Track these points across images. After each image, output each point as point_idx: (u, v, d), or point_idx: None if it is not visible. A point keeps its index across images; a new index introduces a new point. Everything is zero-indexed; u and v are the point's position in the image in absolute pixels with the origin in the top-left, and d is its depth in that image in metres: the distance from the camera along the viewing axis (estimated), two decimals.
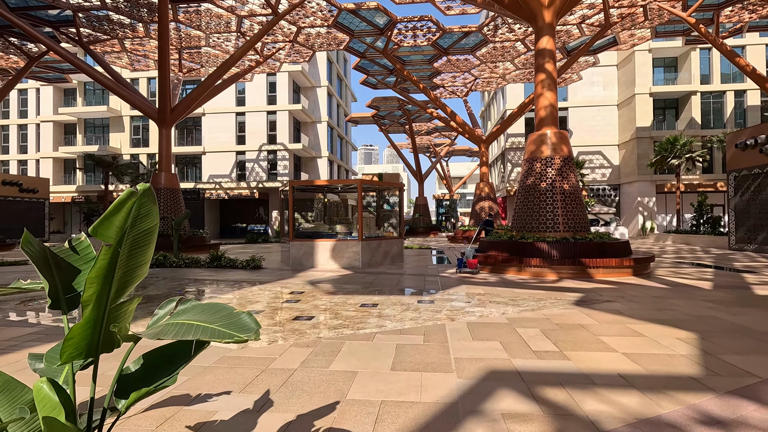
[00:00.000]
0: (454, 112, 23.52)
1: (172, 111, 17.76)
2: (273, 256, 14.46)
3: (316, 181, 11.17)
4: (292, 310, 5.65)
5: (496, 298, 6.38)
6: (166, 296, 6.94)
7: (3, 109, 36.93)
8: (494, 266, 9.58)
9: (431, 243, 22.81)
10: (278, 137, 33.14)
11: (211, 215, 32.95)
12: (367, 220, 11.78)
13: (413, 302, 6.12)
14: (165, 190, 17.51)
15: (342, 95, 44.43)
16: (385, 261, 11.60)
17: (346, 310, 5.60)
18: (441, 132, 43.37)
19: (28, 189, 27.85)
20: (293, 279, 8.79)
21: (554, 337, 4.23)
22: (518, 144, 35.03)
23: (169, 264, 11.29)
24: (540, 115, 10.49)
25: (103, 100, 34.36)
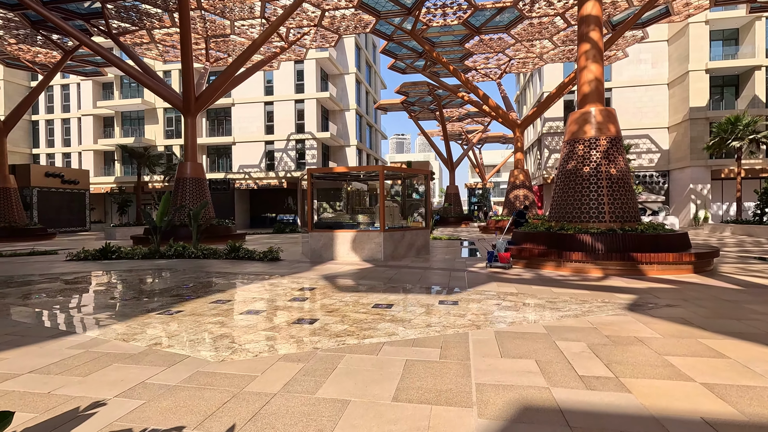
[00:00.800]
0: (487, 96, 22.20)
1: (197, 100, 17.59)
2: (296, 247, 14.03)
3: (335, 168, 10.56)
4: (295, 311, 5.03)
5: (531, 300, 5.51)
6: (170, 290, 6.51)
7: (48, 104, 38.64)
8: (529, 261, 8.62)
9: (462, 234, 21.81)
10: (306, 126, 32.82)
11: (241, 205, 33.24)
12: (390, 209, 11.05)
13: (434, 303, 5.36)
14: (191, 180, 17.44)
15: (371, 82, 43.56)
16: (410, 253, 10.86)
17: (356, 312, 4.91)
18: (473, 118, 41.73)
19: (69, 180, 28.97)
20: (308, 273, 8.21)
21: (606, 355, 3.36)
22: (556, 128, 33.06)
23: (188, 255, 11.04)
24: (583, 91, 9.32)
25: (138, 93, 35.16)
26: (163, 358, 3.38)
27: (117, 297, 6.09)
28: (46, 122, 38.66)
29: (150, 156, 25.32)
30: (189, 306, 5.32)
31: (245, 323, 4.46)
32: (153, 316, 4.80)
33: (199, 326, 4.35)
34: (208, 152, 34.90)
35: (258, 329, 4.23)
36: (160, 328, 4.32)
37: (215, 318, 4.69)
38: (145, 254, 11.20)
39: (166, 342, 3.82)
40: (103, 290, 6.71)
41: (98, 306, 5.53)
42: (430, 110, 37.11)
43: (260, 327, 4.32)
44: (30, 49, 23.44)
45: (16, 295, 6.21)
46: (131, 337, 3.98)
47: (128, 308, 5.28)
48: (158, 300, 5.77)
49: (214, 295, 6.04)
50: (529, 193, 22.12)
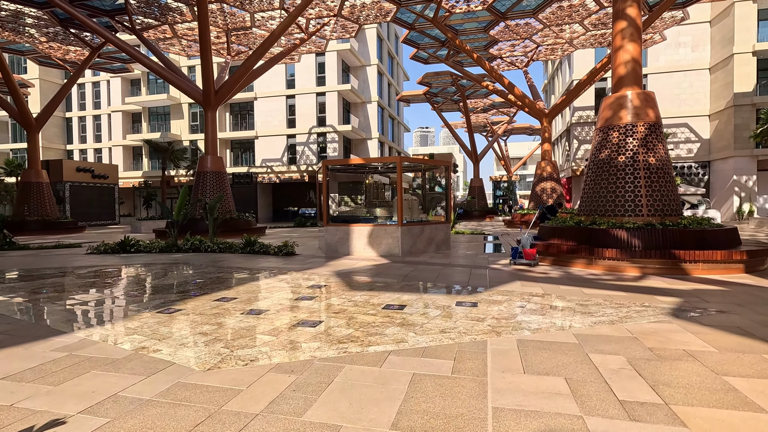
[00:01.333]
0: (513, 84, 21.30)
1: (217, 93, 17.54)
2: (314, 242, 13.78)
3: (351, 159, 10.19)
4: (300, 311, 4.68)
5: (560, 302, 4.97)
6: (177, 287, 6.31)
7: (80, 101, 39.91)
8: (557, 257, 8.01)
9: (486, 228, 21.11)
10: (327, 119, 32.60)
11: (264, 199, 33.45)
12: (409, 202, 10.59)
13: (451, 304, 4.90)
14: (211, 174, 17.46)
15: (393, 74, 42.91)
16: (429, 248, 10.38)
17: (364, 314, 4.52)
18: (498, 109, 40.52)
19: (99, 175, 29.79)
20: (322, 269, 7.88)
21: (650, 373, 2.84)
22: (586, 118, 31.62)
23: (204, 249, 10.93)
24: (618, 74, 8.55)
25: (163, 88, 35.78)
26: (145, 365, 3.08)
27: (122, 293, 5.91)
28: (78, 119, 39.98)
29: (174, 150, 25.68)
30: (191, 304, 5.06)
31: (244, 325, 4.14)
32: (151, 315, 4.55)
33: (195, 327, 4.06)
34: (232, 146, 35.24)
35: (256, 332, 3.89)
36: (155, 329, 4.05)
37: (214, 319, 4.39)
38: (162, 248, 11.16)
39: (155, 346, 3.53)
40: (111, 286, 6.57)
41: (100, 303, 5.35)
42: (454, 101, 36.22)
43: (259, 329, 3.98)
44: (60, 47, 24.05)
45: (26, 290, 6.13)
46: (120, 339, 3.72)
47: (129, 306, 5.07)
48: (161, 297, 5.55)
49: (219, 292, 5.77)
50: (557, 185, 21.17)
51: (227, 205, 17.56)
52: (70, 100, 40.37)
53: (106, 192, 30.13)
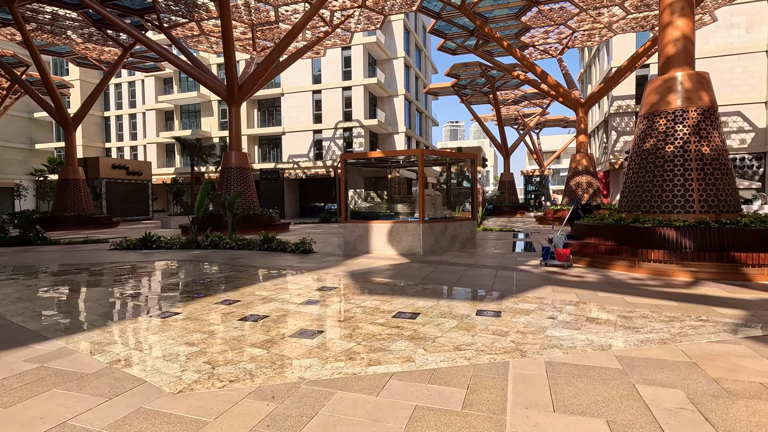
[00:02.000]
0: (546, 73, 20.14)
1: (240, 88, 17.47)
2: (335, 238, 13.43)
3: (370, 153, 9.69)
4: (302, 318, 4.25)
5: (598, 313, 4.31)
6: (183, 287, 6.04)
7: (117, 101, 41.36)
8: (594, 259, 7.25)
9: (516, 224, 20.18)
10: (353, 114, 32.27)
11: (290, 195, 33.57)
12: (432, 198, 10.01)
13: (470, 313, 4.34)
14: (235, 170, 17.44)
15: (421, 66, 42.05)
16: (453, 247, 9.78)
17: (371, 323, 4.04)
18: (530, 100, 38.94)
19: (133, 172, 30.68)
20: (336, 268, 7.46)
21: (721, 417, 2.21)
22: (626, 108, 29.78)
23: (223, 245, 10.77)
24: (667, 53, 7.63)
25: (194, 86, 36.47)
26: (113, 384, 2.72)
27: (126, 293, 5.69)
28: (116, 118, 41.49)
29: (202, 147, 26.03)
30: (189, 308, 4.74)
31: (237, 334, 3.75)
32: (145, 320, 4.24)
33: (185, 336, 3.70)
34: (260, 142, 35.54)
35: (247, 343, 3.49)
36: (142, 336, 3.72)
37: (208, 325, 4.03)
38: (182, 244, 11.10)
39: (134, 358, 3.18)
40: (117, 285, 6.39)
41: (99, 304, 5.12)
42: (483, 93, 35.06)
43: (252, 340, 3.57)
44: (95, 48, 24.78)
45: (36, 288, 6.02)
46: (100, 349, 3.39)
47: (127, 308, 4.80)
48: (163, 299, 5.28)
49: (224, 294, 5.44)
50: (593, 179, 19.93)
51: (251, 201, 17.52)
52: (108, 100, 41.93)
53: (140, 188, 31.02)
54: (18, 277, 7.07)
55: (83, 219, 21.96)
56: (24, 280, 6.76)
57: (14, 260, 9.30)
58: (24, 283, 6.42)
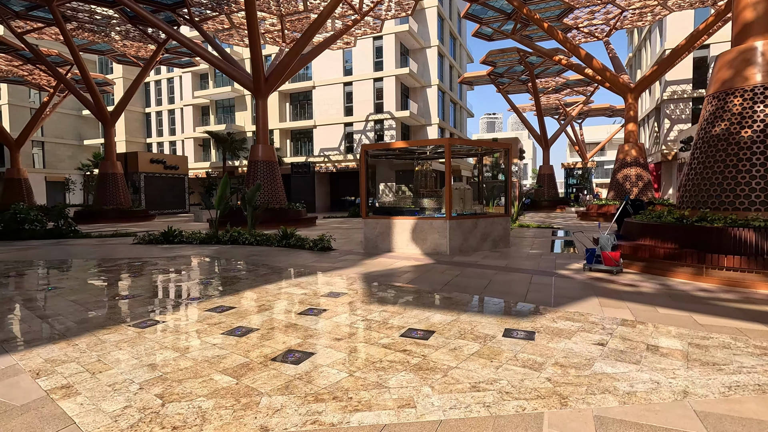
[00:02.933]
0: (591, 56, 18.53)
1: (267, 80, 17.17)
2: (359, 234, 12.83)
3: (393, 143, 8.92)
4: (294, 333, 3.62)
5: (662, 338, 3.40)
6: (182, 289, 5.60)
7: (157, 97, 42.68)
8: (649, 264, 6.20)
9: (555, 221, 18.82)
10: (385, 105, 31.51)
11: (321, 188, 33.38)
12: (461, 192, 9.16)
13: (496, 333, 3.55)
14: (262, 163, 17.20)
15: (455, 55, 40.59)
16: (484, 246, 8.90)
17: (374, 343, 3.35)
18: (572, 88, 36.64)
19: (170, 166, 31.45)
20: (351, 269, 6.81)
21: None
22: (681, 93, 27.27)
23: (242, 241, 10.41)
24: (744, 19, 6.38)
25: (229, 81, 36.89)
26: (33, 426, 2.18)
27: (119, 295, 5.29)
28: (156, 113, 42.88)
29: (233, 141, 26.16)
30: (176, 315, 4.24)
31: (213, 354, 3.17)
32: (120, 330, 3.76)
33: (152, 355, 3.16)
34: (292, 136, 35.54)
35: (219, 368, 2.89)
36: (105, 353, 3.22)
37: (185, 340, 3.49)
38: (202, 239, 10.85)
39: (78, 385, 2.65)
40: (116, 285, 6.04)
41: (82, 307, 4.72)
42: (521, 81, 33.26)
43: (225, 363, 2.97)
44: (132, 45, 25.35)
45: (35, 288, 5.77)
46: (51, 369, 2.90)
47: (111, 313, 4.36)
48: (152, 303, 4.82)
49: (221, 299, 4.92)
50: (644, 172, 18.21)
51: (277, 195, 17.25)
52: (149, 97, 43.37)
53: (177, 182, 31.81)
54: (26, 272, 6.92)
55: (121, 212, 22.59)
56: (20, 278, 6.57)
57: (33, 255, 9.32)
58: (16, 282, 6.20)
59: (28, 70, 27.68)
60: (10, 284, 5.95)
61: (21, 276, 6.62)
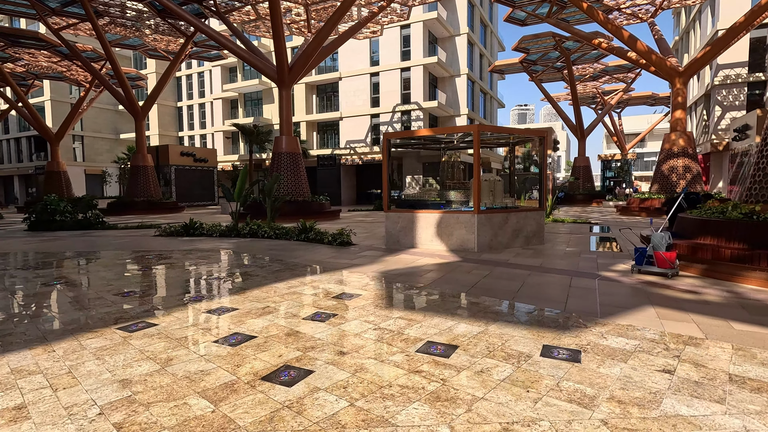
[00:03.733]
0: (635, 37, 17.14)
1: (290, 70, 16.83)
2: (382, 229, 12.32)
3: (417, 131, 8.30)
4: (293, 345, 3.14)
5: (746, 365, 2.71)
6: (187, 286, 5.25)
7: (188, 91, 43.48)
8: (711, 267, 5.36)
9: (592, 215, 17.68)
10: (412, 96, 30.73)
11: (347, 181, 33.06)
12: (490, 184, 8.47)
13: (532, 352, 2.95)
14: (286, 155, 16.94)
15: (486, 43, 39.16)
16: (515, 242, 8.19)
17: (384, 360, 2.83)
18: (612, 75, 34.58)
19: (200, 159, 31.89)
20: (370, 267, 6.31)
21: None
22: (735, 78, 25.11)
23: (262, 234, 10.11)
24: None
25: (257, 74, 37.01)
26: None
27: (120, 292, 4.99)
28: (187, 107, 43.72)
29: (259, 133, 26.12)
30: (170, 318, 3.85)
31: (196, 368, 2.73)
32: (103, 335, 3.40)
33: (128, 368, 2.75)
34: (318, 128, 35.35)
35: (198, 388, 2.44)
36: (79, 362, 2.84)
37: (171, 349, 3.07)
38: (222, 232, 10.64)
39: (32, 407, 2.26)
40: (121, 280, 5.78)
41: (79, 305, 4.42)
42: (556, 69, 31.62)
43: (207, 383, 2.52)
44: (162, 38, 25.66)
45: (39, 282, 5.59)
46: (11, 384, 2.53)
47: (103, 314, 4.02)
48: (150, 302, 4.48)
49: (224, 299, 4.53)
50: (692, 163, 16.77)
51: (301, 187, 16.97)
52: (181, 91, 44.24)
53: (206, 175, 32.26)
54: (38, 264, 6.81)
55: (152, 204, 23.01)
56: (29, 271, 6.43)
57: (54, 246, 9.33)
58: (24, 275, 6.04)
59: (66, 66, 28.59)
60: (18, 277, 5.80)
61: (30, 269, 6.50)
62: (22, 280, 5.62)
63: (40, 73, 29.84)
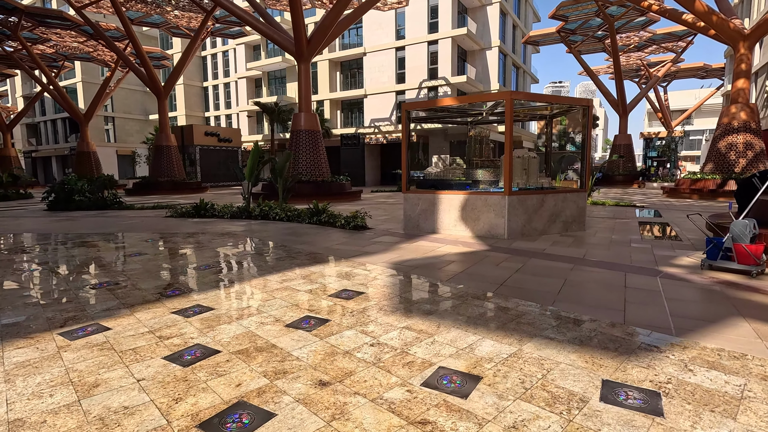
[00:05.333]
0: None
1: (309, 43, 15.92)
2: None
3: (439, 100, 7.29)
4: (263, 366, 2.39)
5: None
6: (172, 274, 4.62)
7: (213, 71, 43.29)
8: None
9: (635, 197, 16.18)
10: (439, 71, 29.19)
11: (371, 161, 32.15)
12: (523, 161, 7.42)
13: (588, 393, 2.07)
14: (305, 132, 16.23)
15: (520, 13, 36.69)
16: (552, 228, 7.17)
17: (380, 396, 2.03)
18: (659, 44, 31.73)
19: (224, 139, 31.71)
20: (382, 255, 5.50)
21: None
22: None
23: (273, 216, 9.47)
24: None
25: (280, 51, 36.22)
26: None
27: (94, 282, 4.40)
28: (213, 87, 43.63)
29: (281, 111, 25.48)
30: (128, 320, 3.18)
31: (121, 400, 2.02)
32: (39, 342, 2.76)
33: (34, 399, 2.08)
34: (342, 107, 34.41)
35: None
36: None
37: (103, 369, 2.38)
38: (233, 213, 10.09)
39: None
40: (107, 265, 5.22)
41: (34, 300, 3.84)
42: (597, 38, 29.21)
43: (123, 429, 1.80)
44: (183, 15, 25.17)
45: (17, 270, 5.10)
46: None
47: (55, 310, 3.40)
48: (122, 296, 3.83)
49: (203, 294, 3.85)
50: (755, 139, 14.91)
51: (320, 167, 16.26)
52: (206, 70, 44.12)
53: (230, 155, 32.11)
54: (33, 247, 6.39)
55: (175, 184, 22.95)
56: (15, 255, 5.98)
57: (59, 227, 9.00)
58: (7, 261, 5.58)
59: (93, 46, 28.69)
60: (2, 261, 5.35)
61: (18, 253, 6.07)
62: (4, 266, 5.15)
63: (69, 54, 30.13)
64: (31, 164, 47.49)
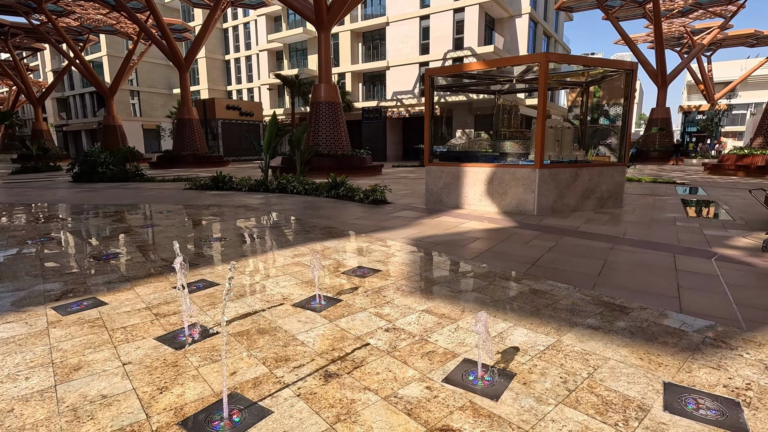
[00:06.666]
0: None
1: (329, 10, 15.26)
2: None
3: (465, 64, 6.67)
4: (263, 351, 2.11)
5: None
6: (184, 247, 4.42)
7: (235, 44, 42.81)
8: None
9: (674, 174, 15.19)
10: (465, 41, 27.89)
11: (392, 136, 31.48)
12: (556, 132, 6.85)
13: (647, 399, 1.70)
14: (325, 104, 15.78)
15: None
16: (586, 204, 6.65)
17: (395, 395, 1.72)
18: (706, 9, 29.25)
19: (245, 112, 31.54)
20: (402, 231, 5.16)
21: None
22: None
23: (291, 189, 9.23)
24: None
25: (302, 23, 35.36)
26: None
27: (102, 253, 4.24)
28: (234, 60, 43.28)
29: (301, 84, 24.98)
30: (127, 294, 2.97)
31: (100, 387, 1.78)
32: (30, 316, 2.57)
33: (10, 381, 1.86)
34: (364, 79, 33.57)
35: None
36: None
37: (89, 349, 2.16)
38: (251, 186, 9.91)
39: None
40: (119, 237, 5.07)
41: (40, 272, 3.69)
42: (636, 3, 27.14)
43: (92, 426, 1.56)
44: None
45: (25, 239, 5.01)
46: None
47: (56, 282, 3.23)
48: (126, 269, 3.64)
49: (207, 269, 3.62)
50: None
51: (340, 140, 15.87)
52: (228, 43, 43.69)
53: (252, 129, 31.97)
54: (48, 217, 6.34)
55: (197, 158, 23.03)
56: (29, 225, 5.92)
57: (79, 197, 9.01)
58: (13, 230, 5.51)
59: (115, 18, 28.63)
60: (4, 230, 5.28)
61: (32, 222, 6.02)
62: (11, 235, 5.08)
63: (94, 27, 30.21)
64: (62, 138, 48.81)
